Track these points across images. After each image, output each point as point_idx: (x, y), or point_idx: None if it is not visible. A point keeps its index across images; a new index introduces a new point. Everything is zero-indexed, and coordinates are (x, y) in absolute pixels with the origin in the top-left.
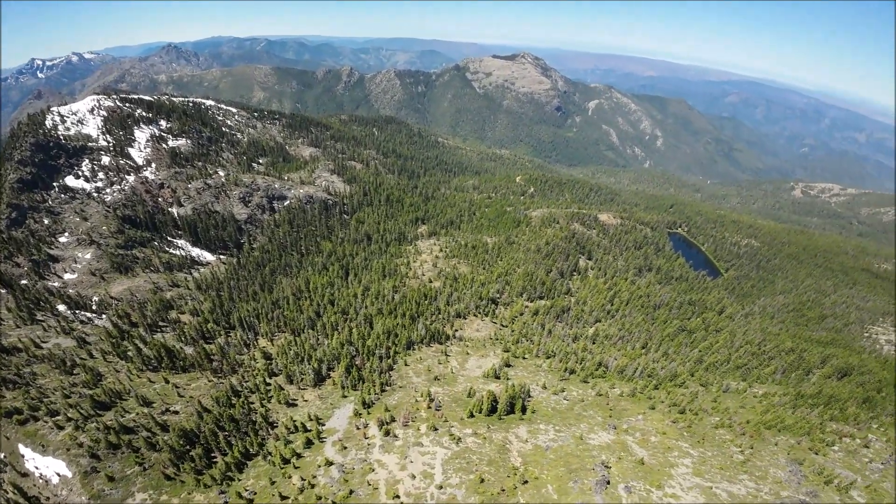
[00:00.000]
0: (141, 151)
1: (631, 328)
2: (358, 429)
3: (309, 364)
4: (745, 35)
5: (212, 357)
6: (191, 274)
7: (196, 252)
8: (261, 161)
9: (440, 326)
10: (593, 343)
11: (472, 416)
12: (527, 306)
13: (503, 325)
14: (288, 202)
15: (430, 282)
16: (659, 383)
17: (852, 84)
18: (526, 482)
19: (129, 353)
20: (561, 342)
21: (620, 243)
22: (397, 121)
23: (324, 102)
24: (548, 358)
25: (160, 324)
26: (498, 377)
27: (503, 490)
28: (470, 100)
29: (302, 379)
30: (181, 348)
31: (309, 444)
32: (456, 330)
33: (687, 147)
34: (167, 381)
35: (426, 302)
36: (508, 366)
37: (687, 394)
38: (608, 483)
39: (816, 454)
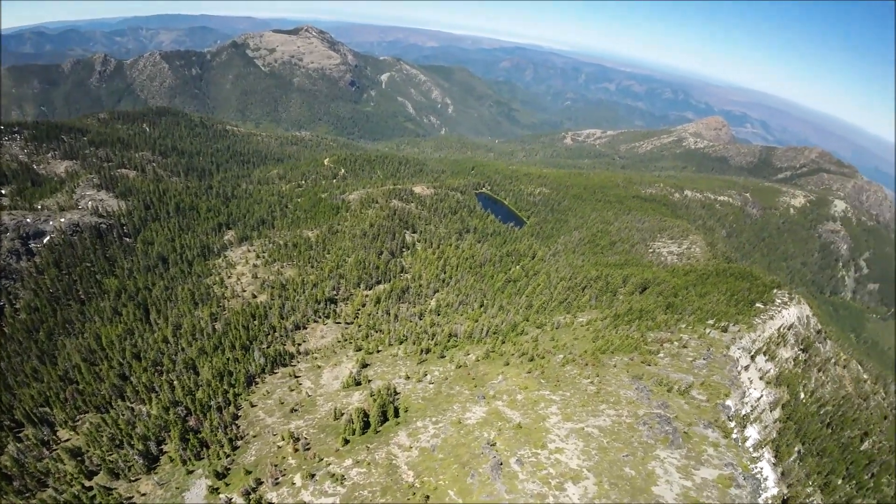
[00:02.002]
0: None
1: (466, 291)
2: None
3: (132, 447)
4: (511, 6)
5: (9, 475)
6: None
7: None
8: (3, 192)
9: (280, 347)
10: (438, 315)
11: (346, 442)
12: (367, 296)
13: (348, 323)
14: (48, 238)
15: (255, 297)
16: (504, 338)
17: (602, 42)
18: (428, 497)
19: None
20: (410, 323)
21: (438, 212)
22: (173, 111)
23: (76, 100)
24: (401, 343)
25: None
26: (359, 383)
27: None
28: (256, 80)
29: (130, 468)
30: None
31: None
32: (299, 344)
33: (474, 111)
34: None
35: (256, 323)
36: (366, 366)
37: (529, 340)
38: (501, 463)
39: (649, 366)
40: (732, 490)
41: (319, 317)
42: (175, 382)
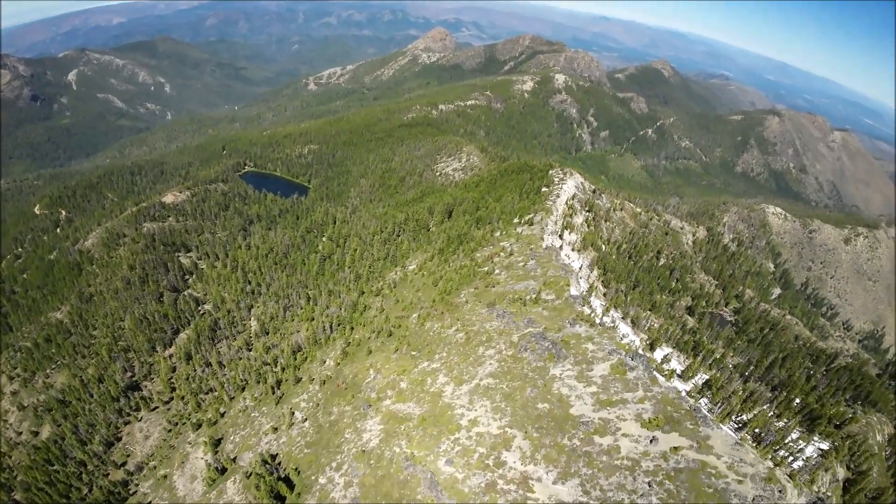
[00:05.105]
0: None
1: (285, 292)
2: None
3: None
4: None
5: None
6: None
7: None
8: None
9: (103, 481)
10: (267, 335)
11: None
12: (171, 356)
13: (167, 402)
14: None
15: (37, 435)
16: (352, 324)
17: None
18: None
19: None
20: (241, 362)
21: (206, 215)
22: None
23: None
24: (244, 391)
25: None
26: (224, 470)
27: None
28: None
29: None
30: None
31: None
32: (123, 464)
33: (197, 82)
34: None
35: (57, 468)
36: (219, 441)
37: (376, 312)
38: (433, 475)
39: (494, 287)
40: (630, 375)
41: (128, 414)
42: None
